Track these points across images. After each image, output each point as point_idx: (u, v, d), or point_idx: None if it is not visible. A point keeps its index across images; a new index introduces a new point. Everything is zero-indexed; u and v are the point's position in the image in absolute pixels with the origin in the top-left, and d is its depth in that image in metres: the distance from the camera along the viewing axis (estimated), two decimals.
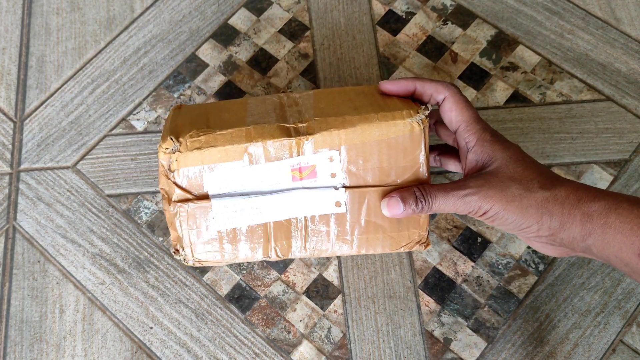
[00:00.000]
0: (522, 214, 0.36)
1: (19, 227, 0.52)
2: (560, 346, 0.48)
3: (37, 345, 0.49)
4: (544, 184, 0.36)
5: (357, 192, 0.40)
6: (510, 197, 0.36)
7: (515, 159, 0.37)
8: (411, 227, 0.41)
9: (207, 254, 0.42)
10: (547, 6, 0.59)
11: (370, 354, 0.48)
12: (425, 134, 0.39)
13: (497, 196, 0.36)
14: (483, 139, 0.38)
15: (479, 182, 0.37)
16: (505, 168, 0.37)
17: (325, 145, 0.39)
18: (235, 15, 0.59)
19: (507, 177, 0.37)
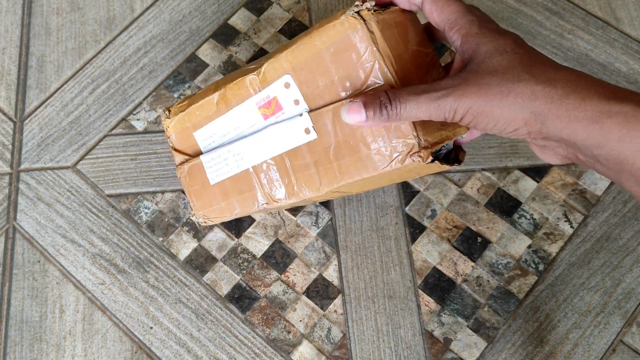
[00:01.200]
0: (504, 113, 0.30)
1: (19, 227, 0.52)
2: (560, 346, 0.48)
3: (37, 345, 0.49)
4: (535, 73, 0.29)
5: (319, 113, 0.38)
6: (490, 93, 0.30)
7: (503, 50, 0.30)
8: (394, 138, 0.36)
9: (210, 210, 0.45)
10: (547, 6, 0.59)
11: (370, 354, 0.48)
12: (373, 28, 0.35)
13: (474, 94, 0.30)
14: (468, 34, 0.32)
15: (455, 81, 0.31)
16: (489, 61, 0.30)
17: (277, 74, 0.39)
18: (235, 15, 0.59)
19: (488, 70, 0.30)
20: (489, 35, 0.31)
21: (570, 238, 0.51)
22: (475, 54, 0.31)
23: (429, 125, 0.35)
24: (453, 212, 0.52)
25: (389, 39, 0.35)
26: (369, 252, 0.51)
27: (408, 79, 0.35)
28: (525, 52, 0.30)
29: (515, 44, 0.31)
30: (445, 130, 0.35)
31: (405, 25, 0.36)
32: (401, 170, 0.37)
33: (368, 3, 0.35)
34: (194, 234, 0.52)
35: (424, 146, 0.35)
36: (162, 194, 0.53)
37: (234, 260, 0.51)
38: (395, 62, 0.35)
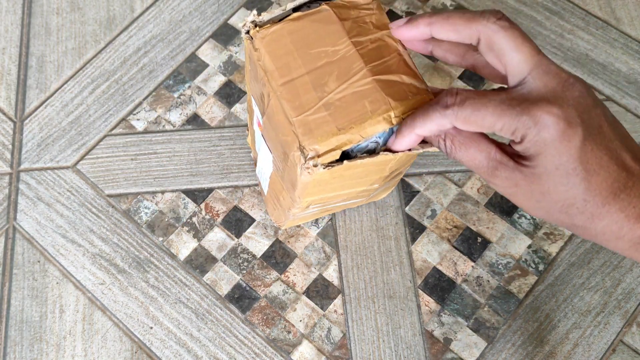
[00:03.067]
0: (542, 205, 0.29)
1: (19, 227, 0.52)
2: (560, 346, 0.48)
3: (37, 345, 0.49)
4: (582, 211, 0.28)
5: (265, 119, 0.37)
6: (535, 210, 0.29)
7: (562, 171, 0.27)
8: (291, 150, 0.33)
9: (273, 215, 0.49)
10: (547, 6, 0.59)
11: (370, 354, 0.48)
12: (258, 45, 0.34)
13: (520, 202, 0.30)
14: (525, 134, 0.28)
15: (510, 177, 0.29)
16: (545, 180, 0.28)
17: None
18: (235, 15, 0.59)
19: (540, 192, 0.28)
20: (551, 139, 0.27)
21: (570, 238, 0.51)
22: (536, 155, 0.28)
23: (321, 129, 0.33)
24: (453, 212, 0.52)
25: (277, 50, 0.34)
26: (369, 252, 0.51)
27: (299, 89, 0.33)
28: (586, 173, 0.27)
29: (577, 159, 0.27)
30: (347, 132, 0.33)
31: (307, 28, 0.35)
32: (336, 178, 0.35)
33: (252, 16, 0.35)
34: (194, 234, 0.52)
35: (311, 157, 0.32)
36: (162, 194, 0.53)
37: (234, 260, 0.51)
38: (281, 75, 0.34)
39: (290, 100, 0.33)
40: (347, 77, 0.33)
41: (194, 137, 0.55)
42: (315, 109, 0.33)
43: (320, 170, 0.32)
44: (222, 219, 0.52)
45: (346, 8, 0.35)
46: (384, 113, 0.33)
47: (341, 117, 0.33)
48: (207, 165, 0.54)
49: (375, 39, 0.35)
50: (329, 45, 0.34)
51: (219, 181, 0.53)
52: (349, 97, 0.33)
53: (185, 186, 0.53)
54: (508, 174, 0.29)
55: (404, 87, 0.33)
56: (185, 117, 0.56)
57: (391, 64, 0.34)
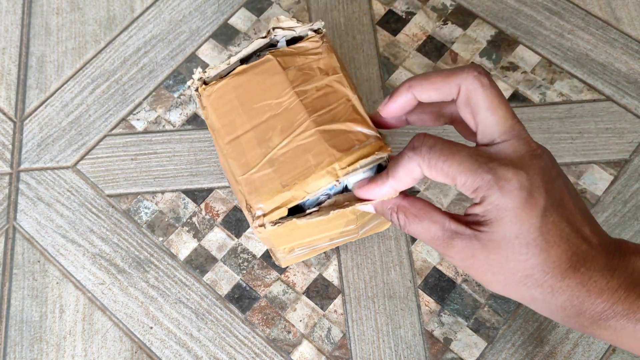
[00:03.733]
0: (508, 294, 0.29)
1: (19, 227, 0.52)
2: (560, 346, 0.48)
3: (37, 345, 0.49)
4: (541, 284, 0.27)
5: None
6: (493, 284, 0.28)
7: (522, 240, 0.27)
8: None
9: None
10: (547, 6, 0.59)
11: (370, 354, 0.48)
12: (205, 103, 0.34)
13: (478, 277, 0.29)
14: (486, 198, 0.27)
15: (467, 249, 0.28)
16: (504, 249, 0.27)
17: None
18: (235, 15, 0.59)
19: (496, 262, 0.27)
20: (513, 207, 0.26)
21: None
22: (495, 221, 0.27)
23: (266, 187, 0.32)
24: (453, 212, 0.52)
25: (222, 107, 0.34)
26: (369, 252, 0.51)
27: (244, 146, 0.33)
28: (546, 244, 0.26)
29: (539, 229, 0.26)
30: (291, 188, 0.32)
31: (251, 81, 0.34)
32: (290, 231, 0.34)
33: (199, 73, 0.34)
34: (194, 234, 0.52)
35: (257, 216, 0.32)
36: (162, 194, 0.53)
37: (234, 260, 0.51)
38: (227, 133, 0.33)
39: (236, 158, 0.33)
40: (291, 130, 0.32)
41: (194, 137, 0.55)
42: (260, 166, 0.32)
43: (269, 228, 0.31)
44: (222, 219, 0.52)
45: (292, 55, 0.34)
46: (328, 166, 0.31)
47: (285, 172, 0.32)
48: (207, 165, 0.54)
49: (321, 85, 0.33)
50: (273, 98, 0.33)
51: (219, 181, 0.54)
52: (292, 152, 0.32)
53: (185, 186, 0.53)
54: (465, 244, 0.28)
55: (350, 136, 0.32)
56: (185, 117, 0.56)
57: (337, 111, 0.33)
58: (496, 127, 0.28)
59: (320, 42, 0.35)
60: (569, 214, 0.27)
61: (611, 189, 0.52)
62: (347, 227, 0.40)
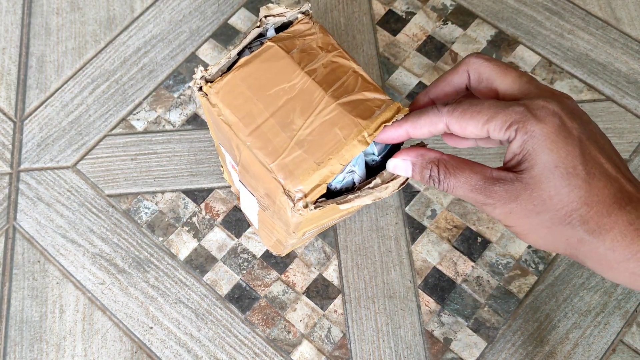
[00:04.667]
0: (547, 243, 0.28)
1: (19, 227, 0.52)
2: (560, 346, 0.48)
3: (37, 345, 0.49)
4: (587, 220, 0.26)
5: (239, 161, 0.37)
6: (537, 227, 0.28)
7: (562, 171, 0.26)
8: (278, 195, 0.33)
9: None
10: (547, 6, 0.59)
11: (370, 354, 0.48)
12: (214, 100, 0.34)
13: (522, 221, 0.28)
14: (524, 130, 0.27)
15: (510, 193, 0.27)
16: (545, 183, 0.26)
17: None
18: (235, 15, 0.59)
19: (540, 199, 0.27)
20: (548, 135, 0.26)
21: None
22: (532, 160, 0.27)
23: (300, 168, 0.32)
24: (453, 212, 0.52)
25: (235, 100, 0.34)
26: (369, 252, 0.51)
27: (268, 134, 0.33)
28: (587, 175, 0.26)
29: (577, 157, 0.26)
30: (326, 164, 0.32)
31: (258, 70, 0.34)
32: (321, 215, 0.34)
33: (200, 72, 0.34)
34: (194, 234, 0.52)
35: (299, 198, 0.32)
36: (162, 194, 0.53)
37: (234, 260, 0.51)
38: (246, 125, 0.33)
39: (262, 147, 0.33)
40: (312, 109, 0.33)
41: (194, 137, 0.55)
42: (289, 150, 0.32)
43: (312, 210, 0.32)
44: (222, 219, 0.52)
45: (290, 39, 0.35)
46: (358, 135, 0.32)
47: (316, 150, 0.32)
48: (207, 165, 0.54)
49: (327, 62, 0.34)
50: (285, 82, 0.34)
51: (219, 181, 0.53)
52: (318, 129, 0.33)
53: (185, 186, 0.53)
54: (507, 187, 0.27)
55: (368, 104, 0.33)
56: (185, 117, 0.56)
57: (349, 83, 0.34)
58: (515, 84, 0.29)
59: (312, 22, 0.36)
60: (606, 152, 0.27)
61: None
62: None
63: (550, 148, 0.26)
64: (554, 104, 0.27)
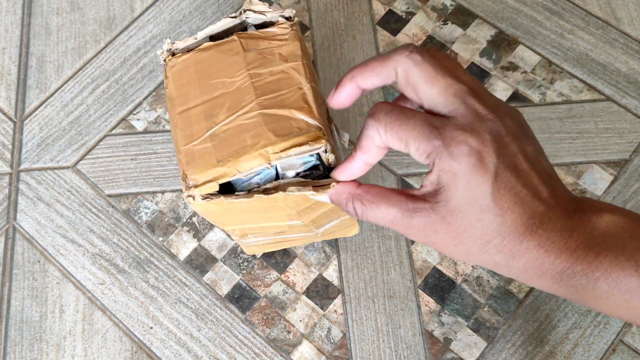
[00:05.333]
0: (479, 263, 0.28)
1: (19, 227, 0.52)
2: (560, 346, 0.48)
3: (37, 345, 0.49)
4: (501, 249, 0.27)
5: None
6: (456, 254, 0.28)
7: (476, 207, 0.27)
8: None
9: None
10: (547, 6, 0.59)
11: (370, 354, 0.48)
12: (168, 72, 0.36)
13: (443, 249, 0.28)
14: (435, 163, 0.27)
15: (428, 225, 0.28)
16: (461, 219, 0.27)
17: None
18: None
19: (457, 232, 0.27)
20: (463, 172, 0.26)
21: None
22: (448, 193, 0.27)
23: (202, 160, 0.33)
24: None
25: (181, 79, 0.35)
26: (369, 252, 0.51)
27: (192, 119, 0.34)
28: (500, 210, 0.26)
29: (491, 194, 0.26)
30: (224, 165, 0.32)
31: (212, 58, 0.35)
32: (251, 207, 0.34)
33: (167, 44, 0.35)
34: (194, 234, 0.52)
35: (190, 186, 0.32)
36: (162, 194, 0.53)
37: (234, 260, 0.51)
38: (180, 104, 0.34)
39: (183, 129, 0.34)
40: (237, 109, 0.33)
41: None
42: (201, 140, 0.33)
43: (199, 200, 0.32)
44: None
45: (256, 39, 0.35)
46: (262, 148, 0.32)
47: (222, 149, 0.32)
48: None
49: (277, 71, 0.34)
50: (228, 77, 0.34)
51: None
52: (233, 130, 0.33)
53: None
54: (425, 220, 0.28)
55: (292, 123, 0.33)
56: None
57: (286, 97, 0.33)
58: (439, 98, 0.28)
59: (289, 29, 0.36)
60: (525, 176, 0.27)
61: (611, 189, 0.52)
62: (292, 222, 0.40)
63: (465, 187, 0.26)
64: (472, 140, 0.26)
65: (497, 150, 0.27)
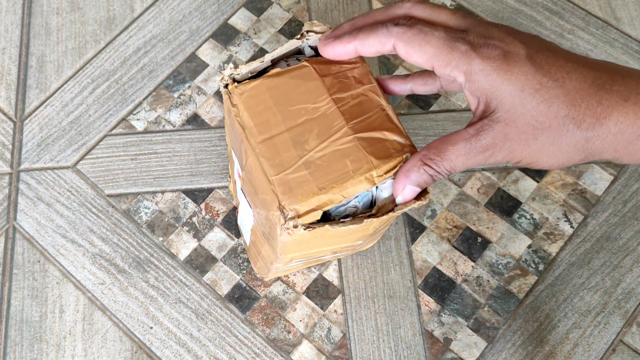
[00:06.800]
0: (560, 159, 0.27)
1: (19, 227, 0.52)
2: (560, 346, 0.48)
3: (37, 345, 0.49)
4: (581, 118, 0.25)
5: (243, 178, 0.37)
6: (541, 150, 0.27)
7: (529, 91, 0.26)
8: (266, 210, 0.33)
9: (256, 266, 0.47)
10: (547, 6, 0.59)
11: (370, 354, 0.48)
12: (236, 101, 0.34)
13: (525, 152, 0.27)
14: (470, 71, 0.27)
15: (497, 136, 0.27)
16: (522, 110, 0.26)
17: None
18: (235, 15, 0.59)
19: (528, 125, 0.26)
20: (499, 70, 0.26)
21: (570, 238, 0.51)
22: (497, 97, 0.27)
23: (301, 188, 0.32)
24: (453, 212, 0.52)
25: (256, 106, 0.34)
26: (369, 252, 0.51)
27: (279, 147, 0.33)
28: (556, 82, 0.25)
29: (537, 73, 0.26)
30: (328, 192, 0.32)
31: (287, 85, 0.34)
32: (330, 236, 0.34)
33: (230, 69, 0.34)
34: (194, 234, 0.52)
35: (291, 217, 0.31)
36: (162, 194, 0.53)
37: (234, 260, 0.51)
38: (260, 132, 0.33)
39: (269, 158, 0.33)
40: (328, 135, 0.33)
41: (194, 137, 0.55)
42: (295, 168, 0.32)
43: (301, 231, 0.31)
44: (222, 219, 0.52)
45: (327, 64, 0.35)
46: (366, 172, 0.32)
47: (322, 176, 0.32)
48: (207, 165, 0.54)
49: (357, 94, 0.34)
50: (309, 102, 0.34)
51: (219, 181, 0.54)
52: (329, 156, 0.32)
53: (185, 186, 0.53)
54: (492, 133, 0.27)
55: (386, 145, 0.33)
56: (185, 117, 0.56)
57: (373, 120, 0.33)
58: (435, 59, 0.28)
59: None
60: (561, 53, 0.26)
61: (611, 189, 0.52)
62: (356, 242, 0.40)
63: (507, 78, 0.26)
64: (496, 39, 0.27)
65: (517, 39, 0.26)
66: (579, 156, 0.27)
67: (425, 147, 0.30)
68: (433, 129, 0.54)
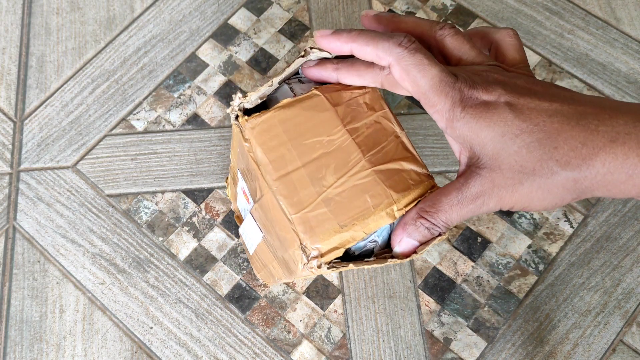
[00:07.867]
0: (552, 201, 0.27)
1: (19, 227, 0.52)
2: (560, 346, 0.48)
3: (37, 345, 0.49)
4: (566, 160, 0.25)
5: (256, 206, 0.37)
6: (529, 194, 0.27)
7: (510, 136, 0.26)
8: (288, 248, 0.33)
9: (260, 274, 0.46)
10: (547, 6, 0.59)
11: (370, 354, 0.48)
12: (248, 135, 0.32)
13: (514, 197, 0.27)
14: (452, 118, 0.27)
15: (484, 182, 0.27)
16: (504, 155, 0.26)
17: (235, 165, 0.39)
18: (235, 15, 0.59)
19: (512, 170, 0.26)
20: (478, 115, 0.26)
21: (570, 238, 0.51)
22: (478, 143, 0.27)
23: (322, 226, 0.31)
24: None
25: (269, 141, 0.33)
26: None
27: (296, 184, 0.32)
28: (536, 126, 0.25)
29: (515, 119, 0.26)
30: (349, 229, 0.31)
31: (299, 117, 0.33)
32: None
33: (238, 99, 0.33)
34: (194, 234, 0.52)
35: (314, 256, 0.31)
36: (162, 194, 0.53)
37: (234, 260, 0.51)
38: (276, 169, 0.32)
39: (287, 196, 0.32)
40: (346, 170, 0.32)
41: (194, 137, 0.55)
42: (314, 205, 0.32)
43: (324, 269, 0.31)
44: (222, 219, 0.52)
45: (337, 91, 0.34)
46: (387, 207, 0.32)
47: (342, 213, 0.31)
48: (207, 165, 0.54)
49: (370, 122, 0.33)
50: (324, 135, 0.33)
51: (219, 181, 0.54)
52: (348, 192, 0.32)
53: (185, 186, 0.53)
54: (478, 181, 0.27)
55: (404, 176, 0.32)
56: (185, 117, 0.56)
57: (389, 149, 0.33)
58: (430, 90, 0.28)
59: None
60: (542, 93, 0.26)
61: None
62: None
63: (486, 125, 0.26)
64: (477, 84, 0.27)
65: (503, 88, 0.27)
66: (571, 196, 0.27)
67: (422, 200, 0.31)
68: (433, 129, 0.55)
